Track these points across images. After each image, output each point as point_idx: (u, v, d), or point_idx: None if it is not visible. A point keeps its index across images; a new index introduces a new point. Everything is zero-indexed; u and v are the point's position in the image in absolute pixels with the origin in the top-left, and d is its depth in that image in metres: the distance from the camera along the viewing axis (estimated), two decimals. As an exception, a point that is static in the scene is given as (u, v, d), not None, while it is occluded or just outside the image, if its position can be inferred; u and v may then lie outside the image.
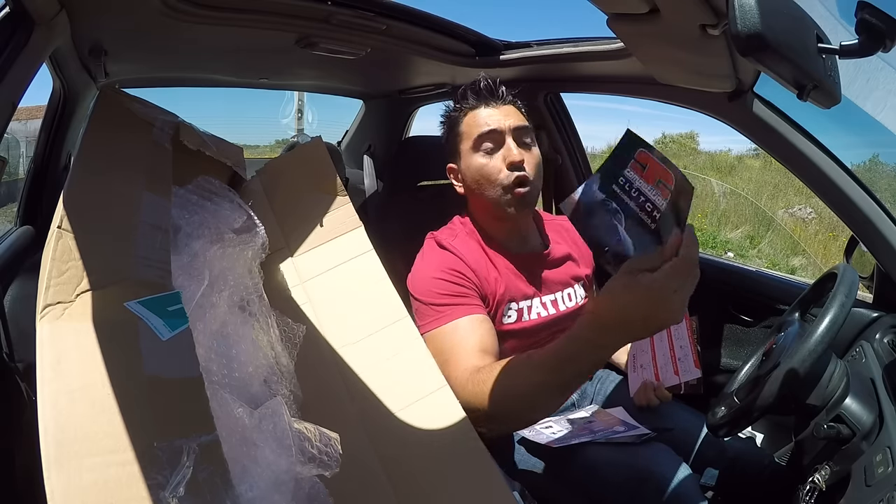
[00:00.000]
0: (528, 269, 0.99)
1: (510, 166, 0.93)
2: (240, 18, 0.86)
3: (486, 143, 0.95)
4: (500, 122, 0.95)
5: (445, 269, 0.91)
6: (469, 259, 0.93)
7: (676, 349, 0.91)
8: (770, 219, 6.25)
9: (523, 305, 0.97)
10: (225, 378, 0.58)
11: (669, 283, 0.51)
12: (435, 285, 0.89)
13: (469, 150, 0.97)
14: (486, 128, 0.94)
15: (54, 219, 0.53)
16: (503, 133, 0.94)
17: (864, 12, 0.47)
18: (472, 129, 0.96)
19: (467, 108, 0.99)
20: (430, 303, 0.88)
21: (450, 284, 0.89)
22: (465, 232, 1.00)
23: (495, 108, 0.97)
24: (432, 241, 0.99)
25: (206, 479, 0.41)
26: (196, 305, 0.61)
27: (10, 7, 0.64)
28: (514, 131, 0.95)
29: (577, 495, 0.91)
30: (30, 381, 0.68)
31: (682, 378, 0.89)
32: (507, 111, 0.97)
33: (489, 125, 0.95)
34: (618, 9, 0.63)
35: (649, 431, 0.92)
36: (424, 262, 0.95)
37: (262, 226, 0.76)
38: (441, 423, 0.66)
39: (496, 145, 0.94)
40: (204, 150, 0.80)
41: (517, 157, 0.92)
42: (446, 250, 0.95)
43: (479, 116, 0.97)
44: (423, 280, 0.91)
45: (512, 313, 0.95)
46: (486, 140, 0.95)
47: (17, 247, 0.91)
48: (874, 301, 1.09)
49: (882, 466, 0.66)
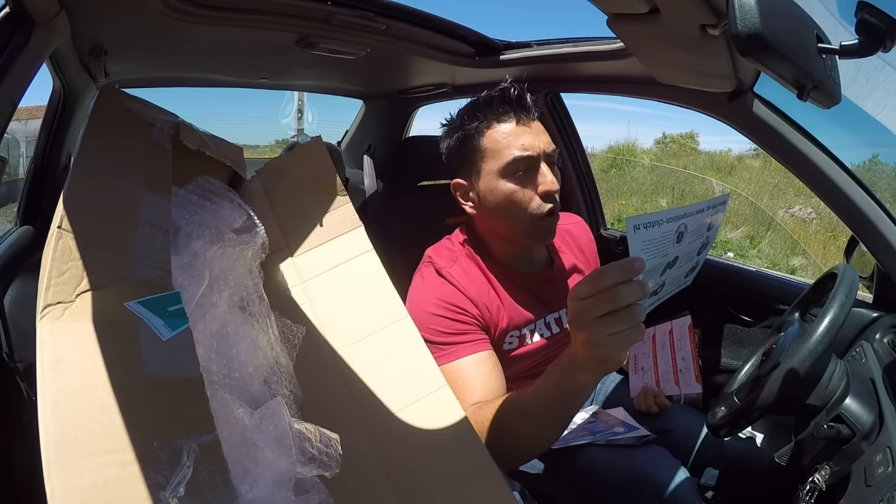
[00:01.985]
0: (532, 289, 0.94)
1: (544, 196, 0.84)
2: (240, 18, 0.86)
3: (520, 171, 0.84)
4: (535, 145, 0.84)
5: (445, 304, 0.85)
6: (470, 291, 0.87)
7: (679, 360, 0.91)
8: (770, 219, 6.25)
9: (526, 331, 0.94)
10: (225, 378, 0.58)
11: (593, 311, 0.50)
12: (435, 322, 0.83)
13: (494, 173, 0.86)
14: (522, 153, 0.83)
15: (54, 219, 0.53)
16: (538, 158, 0.85)
17: (864, 12, 0.47)
18: (502, 149, 0.85)
19: (492, 120, 0.86)
20: (431, 340, 0.81)
21: (451, 322, 0.84)
22: (464, 255, 0.92)
23: (527, 125, 0.86)
24: (430, 267, 0.91)
25: (206, 479, 0.41)
26: (196, 305, 0.61)
27: (10, 7, 0.64)
28: (547, 156, 0.85)
29: (576, 496, 0.91)
30: (30, 381, 0.68)
31: (682, 390, 0.89)
32: (538, 130, 0.87)
33: (525, 150, 0.84)
34: (618, 9, 0.63)
35: (649, 433, 0.92)
36: (422, 293, 0.88)
37: (262, 226, 0.76)
38: (441, 422, 0.66)
39: (528, 170, 0.85)
40: (204, 150, 0.80)
41: (553, 188, 0.84)
42: (445, 280, 0.88)
43: (510, 136, 0.85)
44: (421, 315, 0.83)
45: (514, 340, 0.93)
46: (521, 165, 0.84)
47: (17, 247, 0.91)
48: (874, 301, 1.09)
49: (882, 466, 0.66)
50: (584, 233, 1.10)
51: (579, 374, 0.58)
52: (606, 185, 7.29)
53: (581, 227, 1.11)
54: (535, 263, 0.98)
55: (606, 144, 8.92)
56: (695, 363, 0.85)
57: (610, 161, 8.31)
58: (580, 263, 1.04)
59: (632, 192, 7.23)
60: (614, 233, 1.61)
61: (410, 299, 0.89)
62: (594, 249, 1.10)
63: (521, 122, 0.86)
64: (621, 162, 8.24)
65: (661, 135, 10.16)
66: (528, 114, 0.87)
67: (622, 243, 1.58)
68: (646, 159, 8.49)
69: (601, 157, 8.35)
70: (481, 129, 0.87)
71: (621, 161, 8.25)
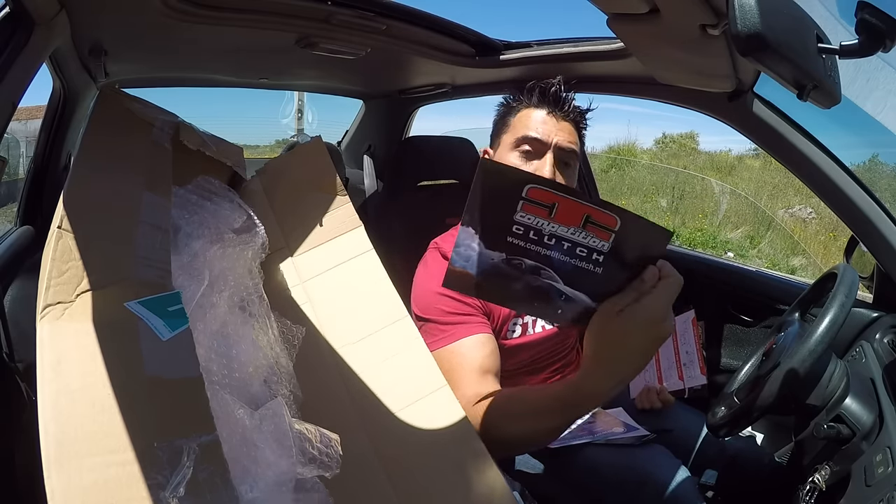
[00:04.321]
0: None
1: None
2: (240, 18, 0.86)
3: (526, 147, 0.91)
4: (550, 133, 0.90)
5: None
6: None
7: (682, 354, 0.90)
8: (770, 219, 6.26)
9: (528, 319, 0.95)
10: (225, 378, 0.58)
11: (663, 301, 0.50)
12: (439, 302, 0.86)
13: (508, 144, 0.93)
14: (533, 133, 0.90)
15: (54, 219, 0.53)
16: (547, 145, 0.90)
17: (864, 12, 0.47)
18: (520, 126, 0.92)
19: (526, 105, 0.94)
20: (434, 320, 0.86)
21: (454, 303, 0.86)
22: None
23: (553, 117, 0.92)
24: (436, 251, 0.95)
25: (206, 479, 0.41)
26: (196, 305, 0.61)
27: (10, 7, 0.64)
28: (558, 149, 0.90)
29: (576, 496, 0.91)
30: (30, 381, 0.68)
31: (686, 384, 0.89)
32: (563, 127, 0.92)
33: (538, 132, 0.90)
34: (618, 9, 0.63)
35: (649, 433, 0.92)
36: (427, 274, 0.92)
37: (261, 226, 0.76)
38: (441, 422, 0.66)
39: (535, 153, 0.90)
40: (204, 150, 0.80)
41: (548, 175, 0.87)
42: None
43: (532, 118, 0.92)
44: (426, 294, 0.88)
45: (517, 328, 0.94)
46: (527, 143, 0.90)
47: (17, 247, 0.91)
48: (874, 301, 1.09)
49: (882, 466, 0.66)
50: None
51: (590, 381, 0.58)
52: (606, 185, 7.29)
53: None
54: None
55: (606, 144, 8.94)
56: (699, 355, 0.84)
57: (610, 161, 8.31)
58: None
59: (632, 192, 7.23)
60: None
61: (416, 282, 0.93)
62: None
63: (550, 114, 0.92)
64: (621, 162, 8.24)
65: (661, 135, 10.18)
66: (561, 110, 0.93)
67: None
68: (646, 159, 8.50)
69: (601, 157, 8.35)
70: (518, 109, 0.95)
71: (621, 161, 8.26)
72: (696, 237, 6.15)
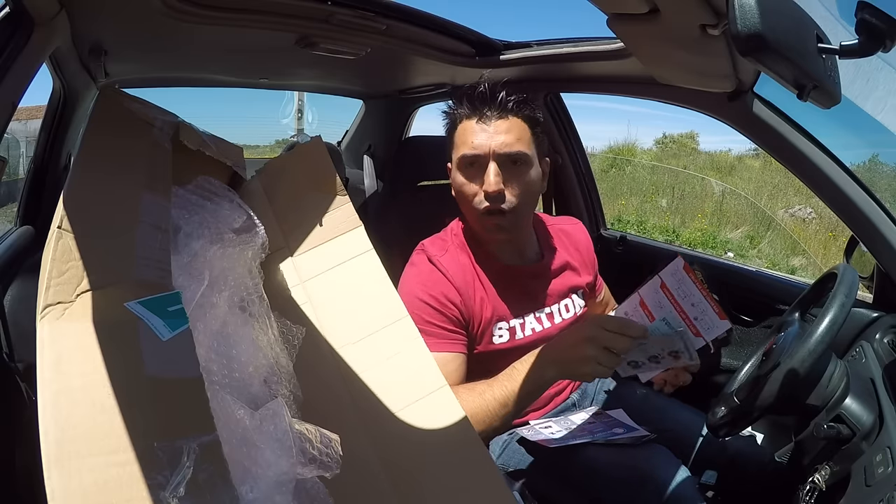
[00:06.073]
0: (522, 282, 0.97)
1: (486, 196, 0.88)
2: (240, 18, 0.86)
3: (468, 165, 0.90)
4: (485, 144, 0.87)
5: (431, 291, 0.89)
6: (456, 280, 0.90)
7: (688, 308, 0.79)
8: (770, 219, 6.26)
9: (515, 323, 0.95)
10: (225, 378, 0.58)
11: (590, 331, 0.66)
12: (419, 308, 0.87)
13: (456, 163, 0.93)
14: (470, 151, 0.88)
15: (54, 219, 0.53)
16: (486, 156, 0.87)
17: (864, 12, 0.47)
18: (459, 143, 0.91)
19: (462, 116, 0.92)
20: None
21: (434, 312, 0.87)
22: (455, 245, 0.96)
23: (485, 123, 0.89)
24: (423, 254, 0.95)
25: (207, 480, 0.41)
26: (196, 305, 0.61)
27: (10, 7, 0.64)
28: (498, 156, 0.87)
29: (576, 496, 0.91)
30: (30, 381, 0.68)
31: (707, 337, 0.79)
32: (498, 128, 0.88)
33: (473, 148, 0.88)
34: (618, 9, 0.63)
35: (649, 433, 0.92)
36: (412, 277, 0.93)
37: (261, 226, 0.76)
38: (441, 422, 0.66)
39: (478, 167, 0.89)
40: (204, 150, 0.80)
41: (493, 189, 0.86)
42: (434, 268, 0.91)
43: (466, 132, 0.90)
44: (407, 297, 0.85)
45: (503, 332, 0.94)
46: (468, 161, 0.89)
47: (17, 247, 0.91)
48: (874, 301, 1.09)
49: (882, 466, 0.66)
50: (582, 234, 1.11)
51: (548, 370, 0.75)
52: (606, 185, 7.29)
53: (579, 228, 1.12)
54: (525, 257, 1.00)
55: (606, 144, 8.95)
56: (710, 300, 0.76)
57: (610, 161, 8.31)
58: (574, 261, 1.05)
59: (632, 193, 7.23)
60: (614, 233, 1.61)
61: (401, 284, 0.93)
62: (591, 251, 1.11)
63: (480, 120, 0.90)
64: (621, 162, 8.24)
65: (661, 135, 10.20)
66: (494, 109, 0.89)
67: (622, 243, 1.58)
68: (646, 159, 8.50)
69: (601, 157, 8.35)
70: (457, 123, 0.94)
71: (621, 161, 8.26)
72: (696, 237, 6.15)
